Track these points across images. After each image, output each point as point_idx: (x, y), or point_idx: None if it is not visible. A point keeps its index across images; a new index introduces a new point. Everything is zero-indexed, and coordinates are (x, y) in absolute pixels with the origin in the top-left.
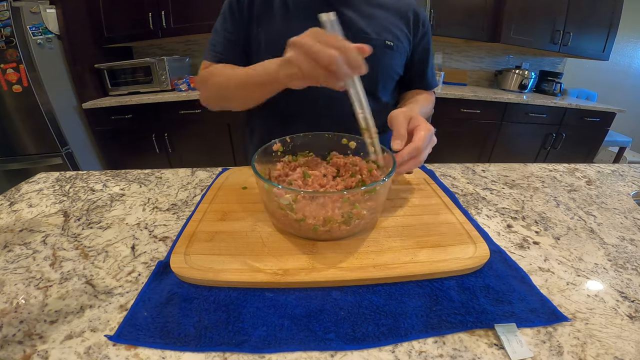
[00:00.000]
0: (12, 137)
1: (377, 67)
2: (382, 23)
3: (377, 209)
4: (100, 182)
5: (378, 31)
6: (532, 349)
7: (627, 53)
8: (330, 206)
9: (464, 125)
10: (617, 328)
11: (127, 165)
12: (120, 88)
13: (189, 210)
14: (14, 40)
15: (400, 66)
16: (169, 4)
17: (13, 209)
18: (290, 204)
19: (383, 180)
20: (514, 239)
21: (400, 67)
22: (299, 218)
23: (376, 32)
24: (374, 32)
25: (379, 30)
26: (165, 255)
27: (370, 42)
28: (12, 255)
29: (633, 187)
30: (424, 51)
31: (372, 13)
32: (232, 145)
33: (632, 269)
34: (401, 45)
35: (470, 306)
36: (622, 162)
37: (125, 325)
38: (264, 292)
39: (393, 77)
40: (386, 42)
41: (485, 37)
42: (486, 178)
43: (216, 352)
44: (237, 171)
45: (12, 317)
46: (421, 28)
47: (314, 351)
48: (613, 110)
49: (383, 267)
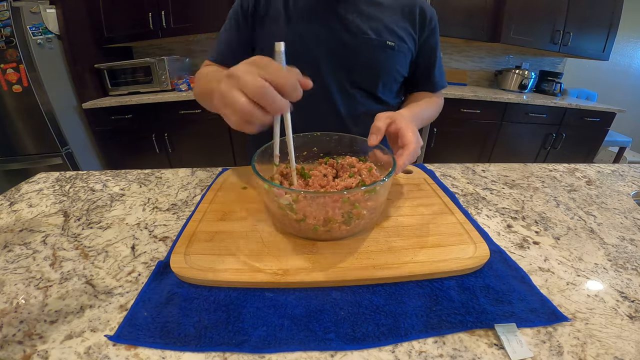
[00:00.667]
0: (12, 137)
1: (376, 68)
2: (383, 23)
3: (377, 209)
4: (100, 182)
5: (378, 31)
6: (532, 349)
7: (627, 53)
8: (330, 206)
9: (464, 125)
10: (617, 328)
11: (127, 165)
12: (120, 88)
13: (189, 210)
14: (14, 40)
15: (404, 67)
16: (169, 4)
17: (13, 209)
18: (290, 204)
19: (383, 180)
20: (514, 239)
21: (404, 67)
22: (299, 218)
23: (376, 32)
24: (374, 32)
25: (380, 30)
26: (165, 255)
27: (369, 42)
28: (12, 255)
29: (633, 187)
30: (430, 50)
31: (373, 12)
32: (232, 145)
33: (632, 269)
34: (404, 45)
35: (470, 306)
36: (622, 162)
37: (125, 325)
38: (264, 292)
39: (395, 78)
40: (387, 43)
41: (485, 37)
42: (486, 178)
43: (216, 352)
44: (237, 171)
45: (12, 317)
46: (427, 26)
47: (314, 351)
48: (613, 110)
49: (383, 267)
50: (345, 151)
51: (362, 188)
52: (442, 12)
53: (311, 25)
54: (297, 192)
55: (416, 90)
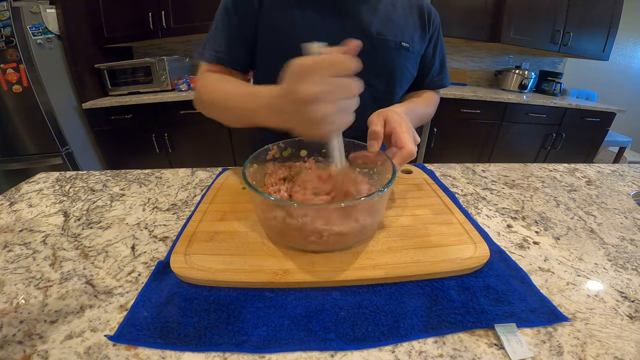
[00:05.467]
0: (12, 137)
1: (394, 71)
2: (398, 23)
3: (376, 218)
4: (100, 182)
5: (395, 32)
6: (532, 349)
7: (627, 53)
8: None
9: (464, 125)
10: (617, 328)
11: (127, 165)
12: (120, 88)
13: (189, 210)
14: (14, 40)
15: (415, 67)
16: (169, 4)
17: (13, 209)
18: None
19: (382, 190)
20: (514, 239)
21: (415, 68)
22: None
23: (393, 33)
24: (391, 33)
25: (396, 31)
26: (165, 255)
27: (387, 44)
28: (12, 255)
29: (633, 187)
30: (433, 49)
31: (389, 12)
32: (232, 145)
33: (632, 269)
34: (415, 45)
35: (470, 306)
36: (622, 162)
37: (125, 325)
38: (264, 292)
39: (409, 79)
40: (402, 44)
41: (485, 37)
42: (486, 178)
43: (216, 352)
44: (237, 171)
45: (12, 317)
46: (432, 26)
47: (314, 351)
48: (613, 110)
49: (383, 267)
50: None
51: (361, 199)
52: (442, 12)
53: (326, 23)
54: (291, 204)
55: (418, 89)
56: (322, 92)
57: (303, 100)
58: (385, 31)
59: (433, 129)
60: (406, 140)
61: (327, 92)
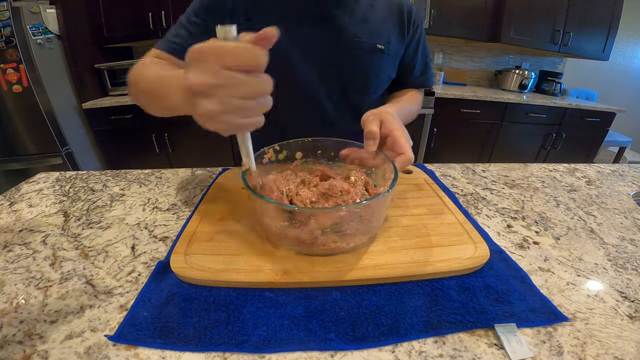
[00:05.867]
0: (12, 137)
1: (368, 72)
2: (374, 25)
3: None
4: (100, 182)
5: (370, 34)
6: (532, 349)
7: (627, 53)
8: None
9: (464, 125)
10: (617, 328)
11: (127, 165)
12: (120, 88)
13: (189, 210)
14: (14, 40)
15: (392, 69)
16: (169, 4)
17: (13, 209)
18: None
19: (385, 192)
20: (514, 239)
21: (392, 70)
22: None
23: (368, 35)
24: (366, 35)
25: (371, 34)
26: (165, 255)
27: (361, 46)
28: (12, 255)
29: (633, 187)
30: (414, 50)
31: (366, 13)
32: (232, 145)
33: (632, 269)
34: (392, 47)
35: (470, 306)
36: (622, 162)
37: (125, 325)
38: (264, 292)
39: (385, 81)
40: (377, 46)
41: (485, 37)
42: (486, 178)
43: (216, 352)
44: (237, 171)
45: (12, 317)
46: (412, 27)
47: (314, 351)
48: (613, 110)
49: (383, 267)
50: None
51: (362, 202)
52: (442, 12)
53: (303, 28)
54: (293, 208)
55: (402, 88)
56: (207, 84)
57: (189, 90)
58: (361, 33)
59: (433, 129)
60: (405, 147)
61: (215, 85)
